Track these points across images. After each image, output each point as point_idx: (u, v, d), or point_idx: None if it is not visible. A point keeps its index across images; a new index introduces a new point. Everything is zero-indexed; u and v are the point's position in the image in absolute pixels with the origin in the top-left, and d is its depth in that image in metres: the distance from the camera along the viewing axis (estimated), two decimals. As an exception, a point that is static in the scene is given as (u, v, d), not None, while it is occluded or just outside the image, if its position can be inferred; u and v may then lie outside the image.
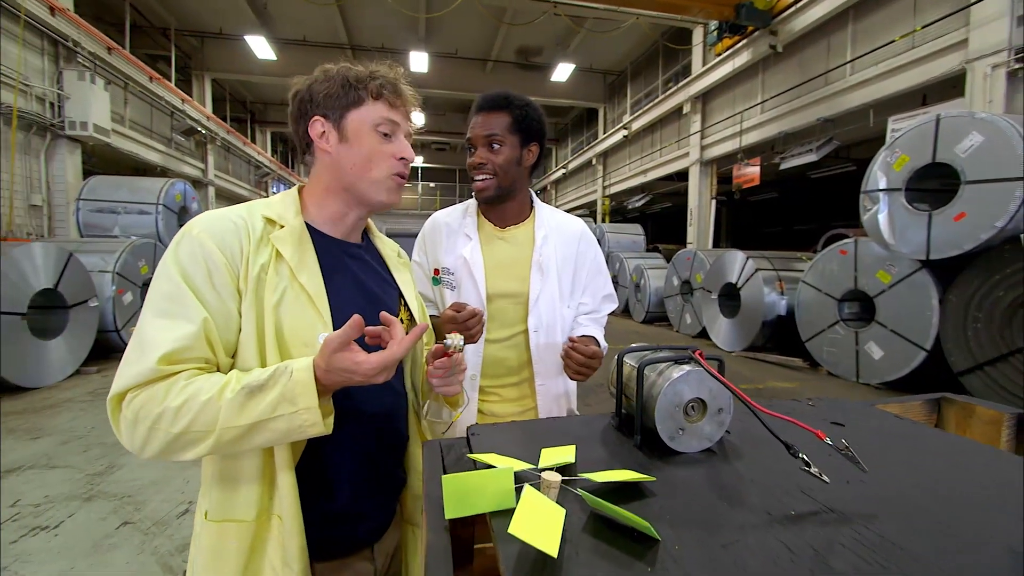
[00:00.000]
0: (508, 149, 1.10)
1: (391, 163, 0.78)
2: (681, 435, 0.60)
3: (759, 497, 0.49)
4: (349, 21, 11.49)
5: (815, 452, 0.53)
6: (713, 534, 0.43)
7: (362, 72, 0.77)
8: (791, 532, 0.43)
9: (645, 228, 13.38)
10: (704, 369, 0.60)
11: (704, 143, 10.35)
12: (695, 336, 8.19)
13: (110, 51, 8.14)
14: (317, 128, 0.77)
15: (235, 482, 0.69)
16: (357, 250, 0.83)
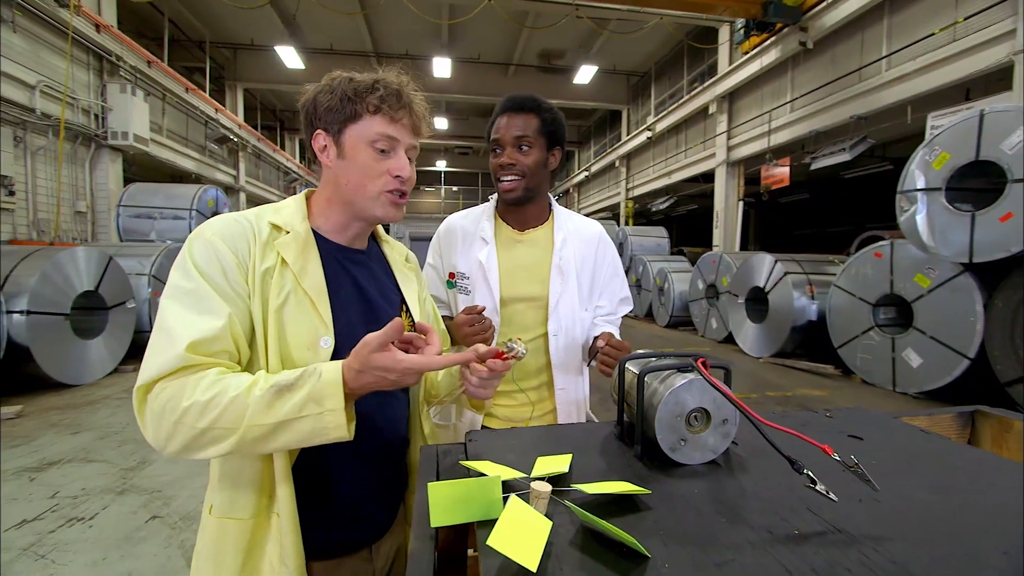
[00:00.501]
0: (537, 152, 1.11)
1: (386, 180, 0.77)
2: (683, 446, 0.58)
3: (761, 514, 0.47)
4: (374, 29, 11.74)
5: (825, 468, 0.50)
6: (707, 552, 0.41)
7: (365, 83, 0.76)
8: (792, 552, 0.40)
9: (670, 231, 13.15)
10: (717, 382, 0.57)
11: (731, 143, 10.11)
12: (721, 341, 7.99)
13: (150, 64, 8.54)
14: (320, 141, 0.78)
15: (237, 481, 0.71)
16: (361, 256, 0.84)
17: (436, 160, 22.99)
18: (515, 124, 1.11)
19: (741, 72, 9.39)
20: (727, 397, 0.54)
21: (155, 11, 9.79)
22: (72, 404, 4.08)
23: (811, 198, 13.00)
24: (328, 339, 0.73)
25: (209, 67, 11.77)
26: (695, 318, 8.94)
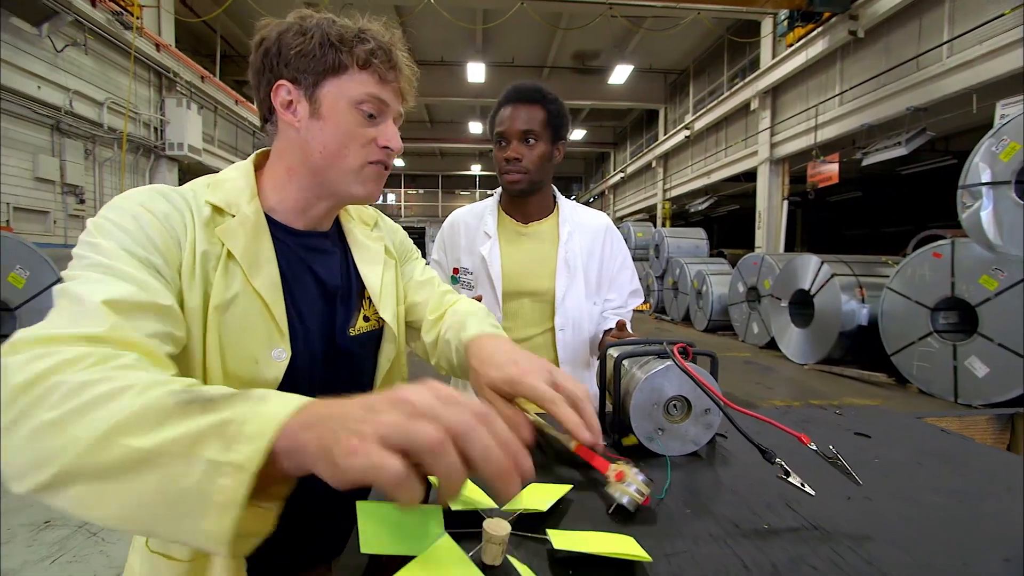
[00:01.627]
0: (542, 145, 1.10)
1: (371, 150, 0.61)
2: (660, 436, 0.54)
3: (732, 508, 0.43)
4: (411, 37, 11.84)
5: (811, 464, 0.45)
6: (660, 543, 0.38)
7: (348, 28, 0.60)
8: (755, 546, 0.37)
9: (710, 232, 12.70)
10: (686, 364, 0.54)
11: (774, 140, 9.68)
12: (763, 347, 7.63)
13: (203, 79, 9.11)
14: (282, 95, 0.60)
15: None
16: (321, 241, 0.66)
17: (471, 164, 23.23)
18: (520, 116, 1.09)
19: (785, 66, 8.98)
20: (693, 378, 0.50)
21: (209, 29, 10.43)
22: (128, 395, 4.36)
23: (864, 196, 12.23)
24: (282, 351, 0.58)
25: (258, 80, 12.42)
26: (735, 322, 8.58)
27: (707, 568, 0.34)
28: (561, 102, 1.14)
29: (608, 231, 1.23)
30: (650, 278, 12.45)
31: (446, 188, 24.38)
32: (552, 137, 1.12)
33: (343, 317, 0.66)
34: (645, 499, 0.41)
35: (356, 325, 0.67)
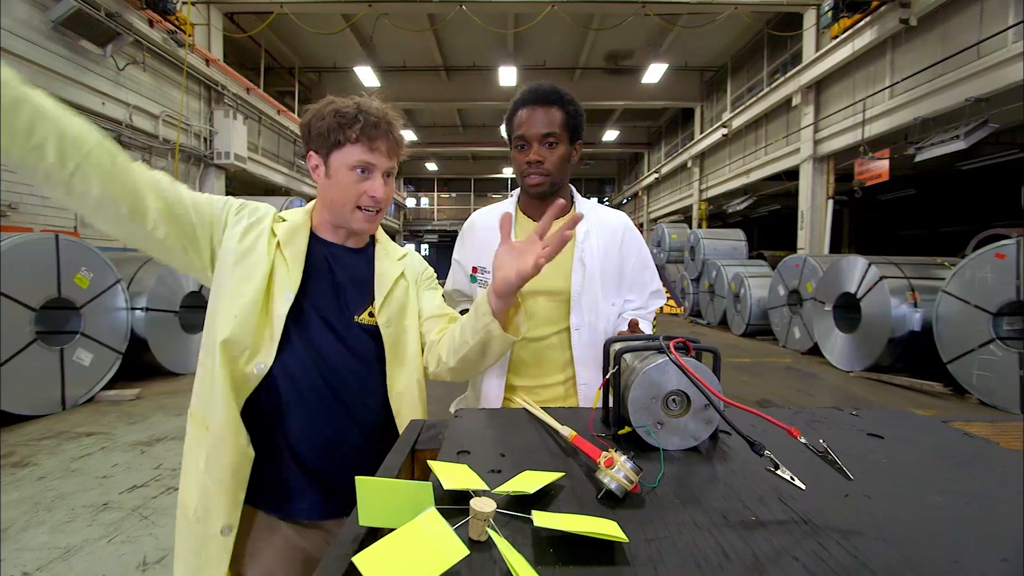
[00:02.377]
0: (563, 147, 1.11)
1: (364, 199, 0.89)
2: (659, 430, 0.55)
3: (722, 500, 0.43)
4: (443, 43, 12.25)
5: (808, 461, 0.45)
6: (644, 528, 0.38)
7: (349, 113, 0.86)
8: (739, 537, 0.37)
9: (749, 234, 12.27)
10: (679, 358, 0.54)
11: (817, 137, 9.26)
12: (805, 352, 7.30)
13: (248, 91, 9.60)
14: (312, 161, 0.91)
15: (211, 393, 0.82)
16: (343, 252, 0.96)
17: (503, 167, 23.37)
18: (540, 119, 1.09)
19: (829, 59, 8.59)
20: (684, 371, 0.50)
21: (254, 43, 10.99)
22: (178, 390, 4.65)
23: (918, 194, 11.51)
24: (290, 294, 0.86)
25: (298, 90, 12.97)
26: (775, 327, 8.26)
27: (685, 554, 0.35)
28: (577, 102, 1.14)
29: (627, 230, 1.21)
30: (685, 281, 12.16)
31: (478, 191, 24.63)
32: (571, 138, 1.12)
33: (353, 306, 0.93)
34: (634, 486, 0.42)
35: (361, 316, 0.93)
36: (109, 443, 3.28)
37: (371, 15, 9.39)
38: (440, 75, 13.62)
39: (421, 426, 0.65)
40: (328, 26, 10.26)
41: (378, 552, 0.31)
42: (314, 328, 0.88)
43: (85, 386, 4.14)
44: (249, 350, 0.82)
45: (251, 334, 0.83)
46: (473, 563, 0.33)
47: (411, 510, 0.37)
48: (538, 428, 0.62)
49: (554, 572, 0.33)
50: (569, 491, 0.45)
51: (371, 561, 0.30)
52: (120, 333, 4.45)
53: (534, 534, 0.37)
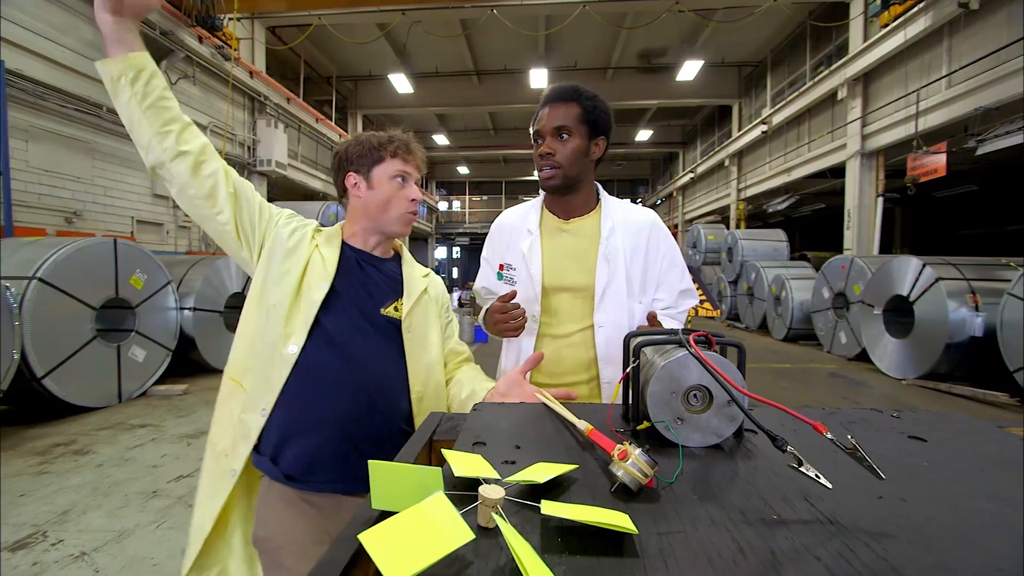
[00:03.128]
0: (576, 139, 1.10)
1: (405, 204, 1.05)
2: (680, 425, 0.53)
3: (743, 498, 0.41)
4: (475, 48, 12.38)
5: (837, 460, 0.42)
6: (657, 522, 0.37)
7: (383, 137, 1.05)
8: (758, 534, 0.35)
9: (791, 234, 11.77)
10: (698, 350, 0.52)
11: (865, 131, 8.79)
12: (852, 358, 6.93)
13: (289, 101, 10.01)
14: (351, 180, 1.06)
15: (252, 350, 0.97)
16: (373, 259, 1.08)
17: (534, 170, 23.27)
18: (555, 114, 1.10)
19: (878, 49, 8.14)
20: (703, 364, 0.48)
21: (294, 55, 11.45)
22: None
23: (981, 190, 10.74)
24: (325, 284, 0.98)
25: (335, 98, 13.42)
26: (819, 331, 7.88)
27: (698, 549, 0.33)
28: (600, 100, 1.13)
29: (654, 227, 1.19)
30: (722, 283, 11.78)
31: (509, 194, 24.72)
32: (589, 132, 1.11)
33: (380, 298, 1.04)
34: (649, 480, 0.41)
35: (386, 309, 1.04)
36: (159, 435, 3.48)
37: (405, 23, 9.61)
38: (471, 79, 13.77)
39: (440, 418, 0.66)
40: (364, 36, 10.57)
41: (384, 531, 0.31)
42: (344, 315, 0.98)
43: (139, 381, 4.41)
44: (284, 332, 0.94)
45: (284, 320, 0.94)
46: (480, 548, 0.33)
47: (421, 494, 0.37)
48: (555, 422, 0.61)
49: (560, 561, 0.32)
50: (582, 484, 0.44)
51: (376, 539, 0.30)
52: (170, 331, 4.72)
53: (543, 523, 0.37)
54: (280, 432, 0.92)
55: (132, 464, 2.95)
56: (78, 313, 3.85)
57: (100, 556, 2.00)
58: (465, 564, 0.32)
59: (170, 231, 7.37)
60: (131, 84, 0.89)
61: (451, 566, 0.31)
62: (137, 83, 0.89)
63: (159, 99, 0.92)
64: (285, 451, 0.92)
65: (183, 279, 5.08)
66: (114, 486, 2.64)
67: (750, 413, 0.41)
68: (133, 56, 0.90)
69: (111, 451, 3.15)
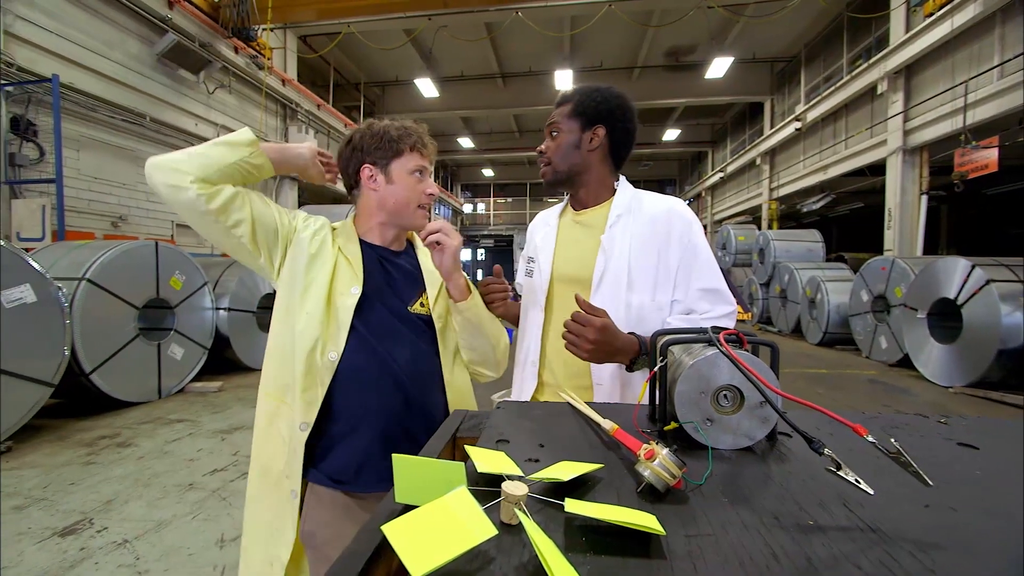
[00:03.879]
0: (564, 134, 1.10)
1: (422, 197, 1.05)
2: (709, 427, 0.51)
3: (776, 502, 0.39)
4: (499, 51, 12.45)
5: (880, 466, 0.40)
6: (685, 524, 0.36)
7: (399, 129, 1.04)
8: (792, 539, 0.34)
9: (827, 235, 11.33)
10: (729, 348, 0.50)
11: (908, 127, 8.40)
12: (893, 364, 6.61)
13: (319, 107, 10.29)
14: (367, 173, 1.03)
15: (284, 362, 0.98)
16: (390, 253, 1.09)
17: (559, 171, 23.23)
18: (550, 117, 1.14)
19: (922, 39, 7.77)
20: (735, 362, 0.46)
21: (324, 62, 11.78)
22: (255, 384, 5.00)
23: (1036, 186, 10.08)
24: (357, 288, 0.98)
25: (363, 104, 13.72)
26: (857, 335, 7.55)
27: (728, 552, 0.32)
28: (600, 91, 1.09)
29: (671, 213, 1.06)
30: (753, 285, 11.44)
31: (534, 196, 24.70)
32: (582, 125, 1.08)
33: (407, 297, 1.05)
34: (677, 482, 0.40)
35: (414, 307, 1.05)
36: (195, 430, 3.62)
37: (431, 28, 9.75)
38: (496, 82, 13.84)
39: (464, 415, 0.66)
40: (391, 42, 10.78)
41: (406, 523, 0.31)
42: (378, 317, 0.99)
43: (177, 377, 4.60)
44: (321, 341, 0.94)
45: (321, 327, 0.94)
46: (502, 544, 0.33)
47: (443, 489, 0.37)
48: (580, 421, 0.60)
49: (585, 560, 0.32)
50: (607, 483, 0.43)
51: (399, 531, 0.30)
52: (206, 330, 4.90)
53: (566, 521, 0.36)
54: (325, 438, 0.95)
55: (170, 457, 3.08)
56: (122, 312, 4.05)
57: (140, 544, 2.09)
58: (487, 560, 0.31)
59: (207, 234, 7.68)
60: (243, 160, 0.94)
61: (473, 561, 0.31)
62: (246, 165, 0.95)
63: (231, 180, 0.95)
64: (330, 456, 0.94)
65: (219, 280, 5.27)
66: (153, 478, 2.76)
67: (785, 414, 0.39)
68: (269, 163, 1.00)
69: (151, 444, 3.29)
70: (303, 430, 0.92)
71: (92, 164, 5.87)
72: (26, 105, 5.12)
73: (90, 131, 5.84)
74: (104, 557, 1.99)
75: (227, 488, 2.66)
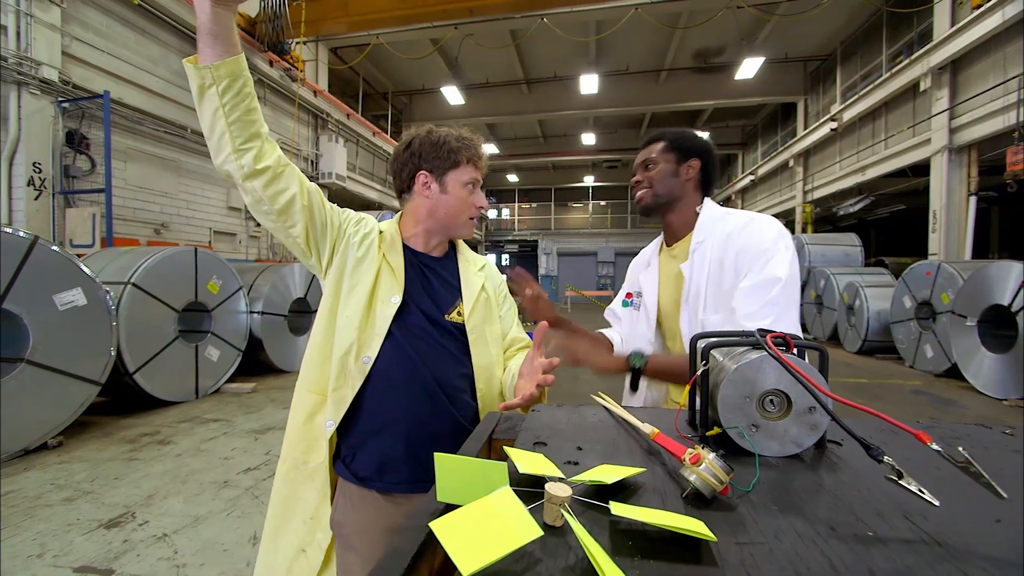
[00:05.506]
0: (662, 164, 1.15)
1: (472, 210, 1.07)
2: (754, 433, 0.49)
3: (830, 511, 0.38)
4: (524, 57, 12.51)
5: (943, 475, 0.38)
6: (735, 532, 0.35)
7: (457, 139, 1.05)
8: (851, 551, 0.32)
9: (866, 238, 10.90)
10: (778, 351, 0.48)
11: (954, 124, 8.00)
12: (940, 374, 6.27)
13: (348, 117, 10.57)
14: (422, 179, 1.05)
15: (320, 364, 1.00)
16: (431, 260, 1.10)
17: (583, 176, 23.16)
18: (641, 154, 1.19)
19: (969, 33, 7.40)
20: (785, 366, 0.45)
21: (353, 73, 12.09)
22: (286, 385, 5.18)
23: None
24: (397, 296, 1.00)
25: (390, 112, 14.01)
26: (900, 344, 7.20)
27: (783, 562, 0.31)
28: (689, 133, 1.17)
29: (744, 229, 1.02)
30: (786, 290, 11.05)
31: (559, 201, 24.64)
32: (677, 158, 1.14)
33: (444, 305, 1.06)
34: (724, 488, 0.38)
35: (450, 315, 1.06)
36: (230, 429, 3.73)
37: (457, 37, 9.89)
38: (521, 88, 13.92)
39: (499, 417, 0.65)
40: (418, 51, 10.99)
41: (453, 521, 0.31)
42: (414, 323, 1.01)
43: (213, 378, 4.76)
44: (356, 345, 0.96)
45: (358, 332, 0.96)
46: (547, 546, 0.32)
47: (485, 488, 0.37)
48: (616, 425, 0.59)
49: (633, 564, 0.31)
50: (650, 488, 0.42)
51: (446, 529, 0.31)
52: (241, 333, 5.07)
53: (611, 525, 0.35)
54: (353, 437, 0.97)
55: (206, 455, 3.19)
56: (163, 315, 4.23)
57: (179, 538, 2.16)
58: (533, 560, 0.31)
59: (242, 240, 7.97)
60: (222, 93, 0.82)
61: (519, 562, 0.30)
62: (228, 92, 0.82)
63: (248, 111, 0.86)
64: (358, 454, 0.97)
65: (253, 285, 5.45)
66: (191, 475, 2.86)
67: (840, 419, 0.38)
68: (230, 61, 0.82)
69: (189, 442, 3.42)
70: (329, 427, 0.95)
71: (138, 174, 6.18)
72: (80, 120, 5.45)
73: (136, 143, 6.16)
74: (145, 550, 2.07)
75: (260, 487, 2.73)
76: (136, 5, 5.96)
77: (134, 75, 6.01)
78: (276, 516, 1.00)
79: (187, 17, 6.56)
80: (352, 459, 0.97)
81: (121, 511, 2.40)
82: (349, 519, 0.96)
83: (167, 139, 6.52)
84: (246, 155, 0.86)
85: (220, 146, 0.86)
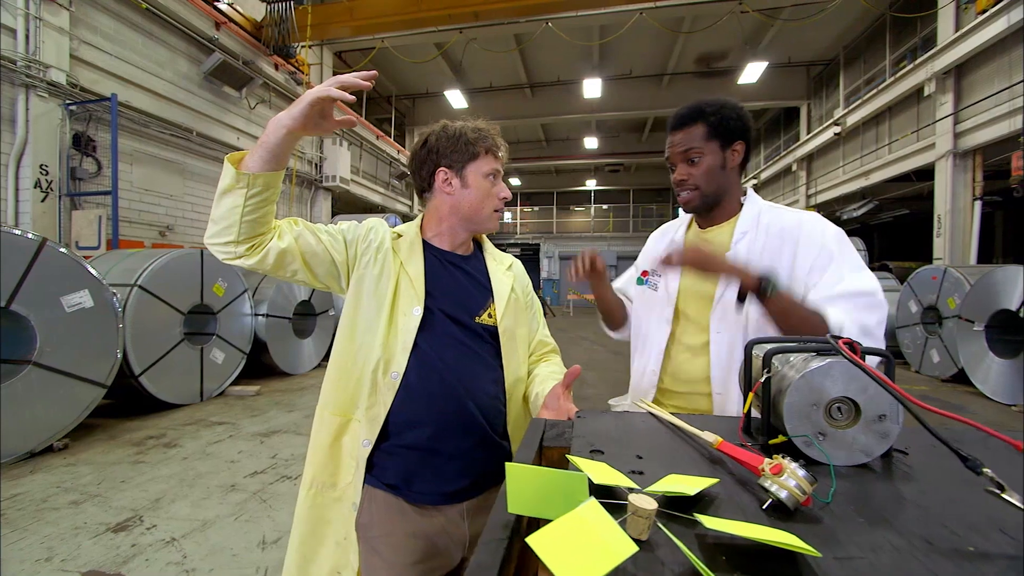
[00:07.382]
0: (709, 158, 1.06)
1: (496, 202, 1.04)
2: (822, 441, 0.48)
3: (920, 524, 0.36)
4: (528, 62, 12.55)
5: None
6: (830, 546, 0.33)
7: (474, 131, 1.02)
8: (957, 566, 0.30)
9: (869, 243, 10.88)
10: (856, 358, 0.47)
11: (959, 129, 7.99)
12: (946, 379, 6.24)
13: (354, 120, 10.59)
14: (442, 176, 1.02)
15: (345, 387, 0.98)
16: (459, 259, 1.07)
17: (585, 180, 23.18)
18: (680, 140, 1.08)
19: (974, 37, 7.41)
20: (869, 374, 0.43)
21: (359, 77, 12.11)
22: (290, 388, 5.16)
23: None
24: (418, 308, 0.96)
25: (394, 116, 14.04)
26: (905, 349, 7.17)
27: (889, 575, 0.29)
28: (729, 105, 1.07)
29: (802, 227, 1.02)
30: (789, 295, 11.02)
31: (561, 204, 24.65)
32: (721, 144, 1.06)
33: (474, 307, 1.02)
34: (806, 499, 0.37)
35: (481, 317, 1.02)
36: (235, 432, 3.71)
37: (461, 41, 9.91)
38: (524, 92, 13.94)
39: (544, 424, 0.64)
40: (422, 55, 11.02)
41: (550, 535, 0.30)
42: (441, 330, 0.98)
43: (218, 381, 4.74)
44: (383, 361, 0.94)
45: (382, 348, 0.94)
46: (638, 561, 0.31)
47: (564, 500, 0.35)
48: (669, 432, 0.58)
49: (730, 581, 0.29)
50: (726, 499, 0.40)
51: (545, 543, 0.29)
52: (246, 336, 5.05)
53: (699, 539, 0.34)
54: (381, 450, 0.95)
55: (213, 459, 3.16)
56: (169, 317, 4.21)
57: (187, 543, 2.14)
58: (630, 577, 0.29)
59: (247, 243, 7.97)
60: (248, 197, 0.84)
61: (617, 579, 0.29)
62: (255, 198, 0.84)
63: (265, 214, 0.88)
64: (387, 464, 0.95)
65: (257, 287, 5.44)
66: (197, 478, 2.84)
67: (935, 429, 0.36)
68: (272, 175, 0.85)
69: (194, 445, 3.40)
70: (365, 446, 0.93)
71: (143, 177, 6.18)
72: (87, 122, 5.45)
73: (142, 146, 6.16)
74: (154, 554, 2.05)
75: (267, 491, 2.71)
76: (144, 9, 5.98)
77: (141, 78, 6.02)
78: (304, 543, 0.96)
79: (194, 21, 6.58)
80: (380, 469, 0.95)
81: (128, 515, 2.37)
82: (375, 523, 0.94)
83: (173, 142, 6.52)
84: (242, 246, 0.88)
85: (222, 232, 0.87)
